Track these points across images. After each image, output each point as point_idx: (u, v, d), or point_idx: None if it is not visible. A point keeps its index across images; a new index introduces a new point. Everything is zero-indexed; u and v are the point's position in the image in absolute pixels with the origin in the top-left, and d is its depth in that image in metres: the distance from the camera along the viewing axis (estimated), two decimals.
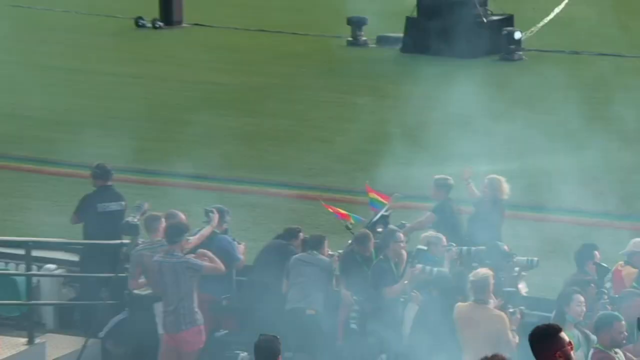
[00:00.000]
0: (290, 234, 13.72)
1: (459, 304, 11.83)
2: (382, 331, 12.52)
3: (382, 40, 31.31)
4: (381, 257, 12.98)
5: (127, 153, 21.22)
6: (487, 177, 14.24)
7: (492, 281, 11.75)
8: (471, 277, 11.84)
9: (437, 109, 21.01)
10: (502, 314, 11.65)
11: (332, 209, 14.72)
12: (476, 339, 11.40)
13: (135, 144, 22.26)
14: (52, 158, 21.23)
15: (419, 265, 12.54)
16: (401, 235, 13.01)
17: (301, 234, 13.62)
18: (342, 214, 14.33)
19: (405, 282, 12.58)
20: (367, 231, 13.42)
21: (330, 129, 22.51)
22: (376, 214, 14.03)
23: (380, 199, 14.20)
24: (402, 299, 12.59)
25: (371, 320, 12.79)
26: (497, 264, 12.65)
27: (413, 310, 12.42)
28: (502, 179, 14.11)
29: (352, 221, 14.19)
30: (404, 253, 13.01)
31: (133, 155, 21.29)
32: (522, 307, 11.96)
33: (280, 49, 30.41)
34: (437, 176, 14.33)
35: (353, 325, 12.89)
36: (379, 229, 13.74)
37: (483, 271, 11.84)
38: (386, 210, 14.07)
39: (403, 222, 14.15)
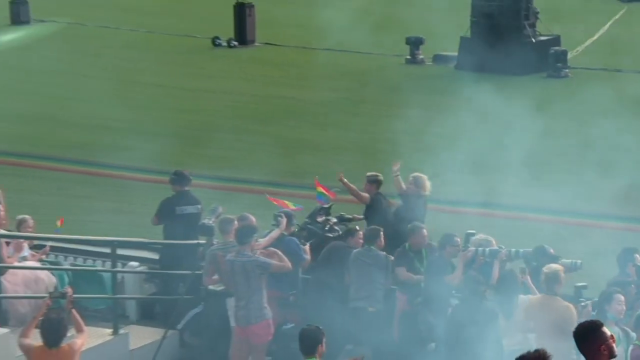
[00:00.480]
0: (348, 233, 13.74)
1: (530, 296, 11.96)
2: (433, 320, 12.48)
3: (438, 59, 31.26)
4: (437, 254, 12.97)
5: (203, 160, 21.38)
6: (412, 175, 14.76)
7: (562, 275, 11.83)
8: (545, 269, 11.89)
9: (487, 122, 20.87)
10: (570, 305, 11.69)
11: (276, 201, 14.96)
12: (545, 327, 11.49)
13: (210, 152, 22.42)
14: (136, 165, 21.40)
15: (472, 248, 12.50)
16: (458, 240, 12.97)
17: (360, 233, 13.60)
18: (285, 206, 14.60)
19: (460, 268, 12.52)
20: (418, 223, 13.39)
21: (390, 140, 22.44)
22: (321, 206, 14.61)
23: (326, 193, 14.76)
24: (453, 291, 12.56)
25: (422, 310, 12.79)
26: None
27: None
28: (425, 176, 14.65)
29: (293, 207, 14.60)
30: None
31: (209, 163, 21.42)
32: (596, 299, 11.91)
33: (344, 66, 30.43)
34: (369, 173, 14.93)
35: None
36: (319, 219, 14.51)
37: (555, 266, 11.93)
38: (326, 204, 14.66)
39: (342, 213, 14.81)
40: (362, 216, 14.92)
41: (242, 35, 33.75)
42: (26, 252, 13.19)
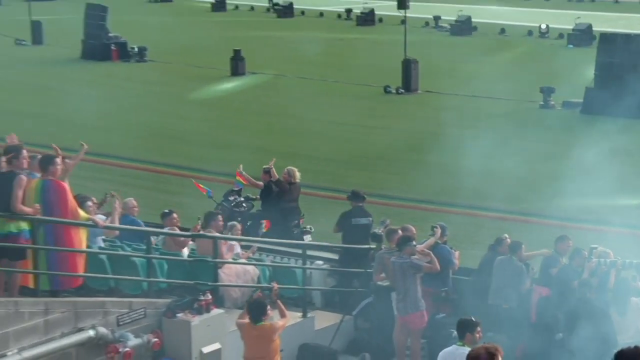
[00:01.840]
0: (497, 243, 13.49)
1: None
2: (560, 317, 12.17)
3: (566, 104, 30.77)
4: (565, 263, 12.65)
5: (375, 182, 21.44)
6: (287, 168, 15.93)
7: None
8: None
9: (607, 157, 20.17)
10: None
11: (198, 185, 15.91)
12: None
13: (380, 176, 22.47)
14: (318, 184, 21.53)
15: (594, 260, 12.25)
16: (585, 253, 12.64)
17: (507, 241, 13.33)
18: (202, 189, 15.74)
19: (586, 274, 12.20)
20: (566, 235, 13.15)
21: (524, 169, 21.98)
22: (233, 188, 15.94)
23: (242, 180, 15.95)
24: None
25: (552, 306, 12.48)
26: None
27: None
28: (296, 169, 15.87)
29: (205, 191, 15.67)
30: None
31: (380, 184, 21.45)
32: None
33: (488, 109, 30.10)
34: (265, 165, 16.03)
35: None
36: (231, 198, 15.87)
37: None
38: (238, 187, 15.94)
39: (248, 194, 15.96)
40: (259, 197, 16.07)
41: (408, 84, 33.89)
42: (238, 249, 13.48)
